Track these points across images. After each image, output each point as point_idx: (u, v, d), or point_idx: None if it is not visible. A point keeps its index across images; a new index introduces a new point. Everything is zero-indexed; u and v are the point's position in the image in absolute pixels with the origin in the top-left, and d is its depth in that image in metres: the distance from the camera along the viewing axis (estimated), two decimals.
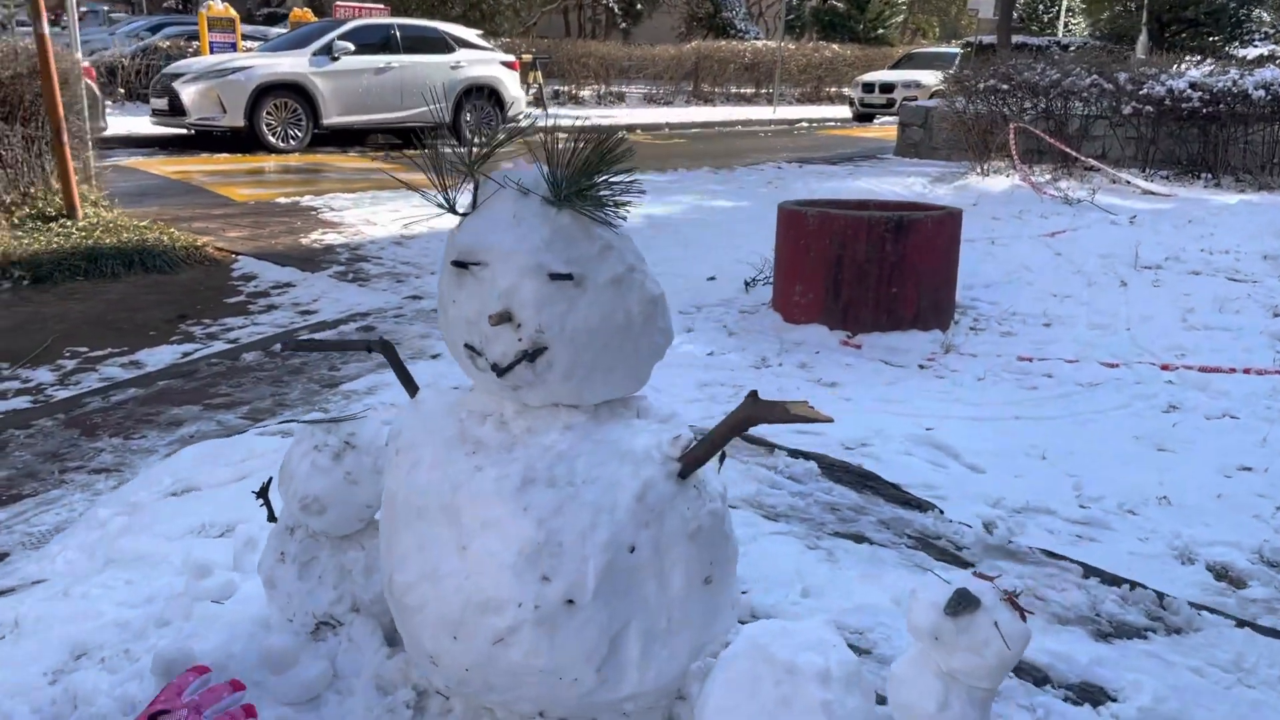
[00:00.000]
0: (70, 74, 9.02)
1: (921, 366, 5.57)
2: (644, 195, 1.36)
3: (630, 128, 20.05)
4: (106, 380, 5.88)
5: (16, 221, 8.32)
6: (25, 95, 8.53)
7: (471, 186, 1.48)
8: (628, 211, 1.47)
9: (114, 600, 2.01)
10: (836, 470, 3.13)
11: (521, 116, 16.69)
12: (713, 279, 7.99)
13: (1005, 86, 12.10)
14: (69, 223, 8.36)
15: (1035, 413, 4.87)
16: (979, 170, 12.13)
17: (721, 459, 1.60)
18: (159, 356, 6.31)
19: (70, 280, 7.56)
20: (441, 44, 16.10)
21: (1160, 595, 2.43)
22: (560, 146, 1.44)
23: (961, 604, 1.31)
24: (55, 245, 7.94)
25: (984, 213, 9.84)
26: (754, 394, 1.43)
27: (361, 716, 1.58)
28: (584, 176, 1.42)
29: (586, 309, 1.48)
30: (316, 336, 6.86)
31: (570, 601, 1.43)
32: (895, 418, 4.75)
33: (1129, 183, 10.92)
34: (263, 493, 1.83)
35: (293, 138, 14.65)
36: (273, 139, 14.45)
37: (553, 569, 1.42)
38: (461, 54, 16.17)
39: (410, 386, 1.73)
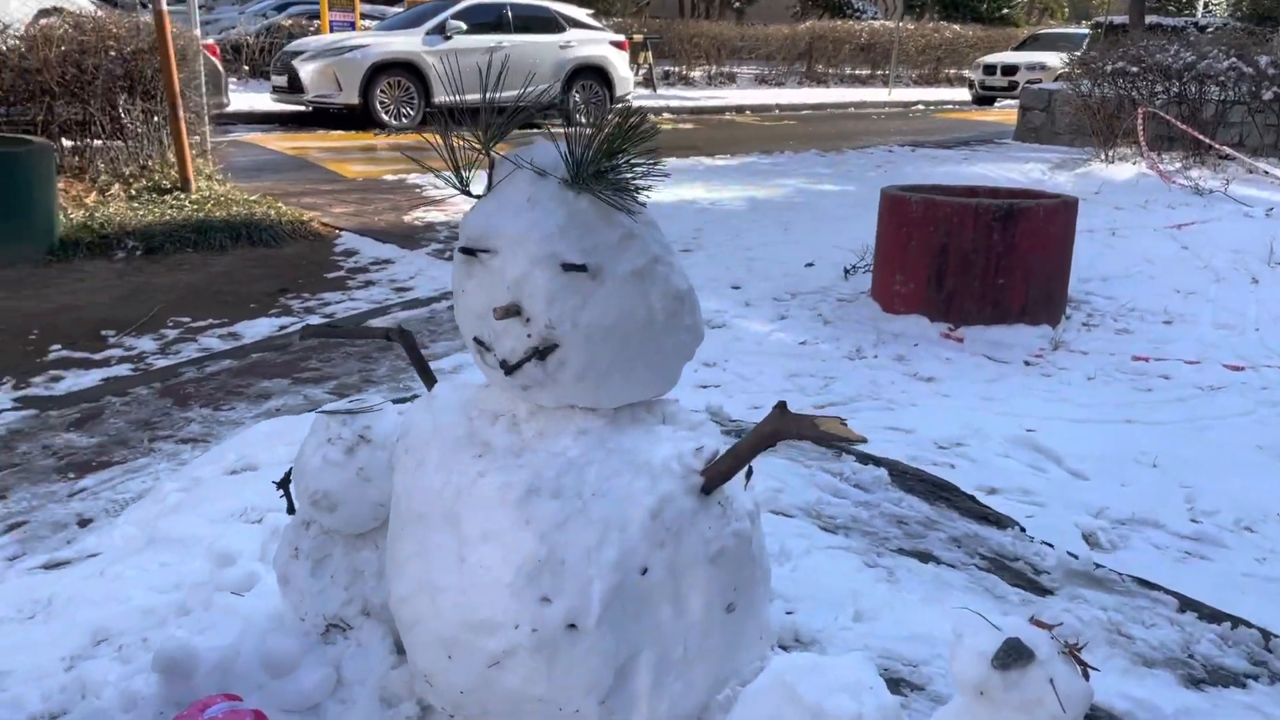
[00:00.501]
0: (188, 50, 9.27)
1: (1027, 363, 5.26)
2: (667, 178, 1.21)
3: (739, 109, 19.74)
4: (204, 351, 6.01)
5: (134, 193, 8.61)
6: (146, 70, 8.81)
7: (488, 167, 1.36)
8: (648, 197, 1.33)
9: (144, 584, 1.98)
10: (909, 478, 2.93)
11: (630, 97, 16.59)
12: (811, 265, 7.75)
13: (1135, 69, 11.41)
14: (182, 195, 8.61)
15: (1149, 417, 4.53)
16: (1103, 157, 11.49)
17: (749, 474, 1.44)
18: (256, 329, 6.43)
19: (180, 252, 7.78)
20: (552, 23, 16.09)
21: (1267, 636, 2.16)
22: (583, 125, 1.30)
23: (1012, 656, 1.14)
24: (168, 217, 8.18)
25: (1106, 201, 9.30)
26: (782, 405, 1.28)
27: None
28: (605, 157, 1.28)
29: (603, 303, 1.34)
30: (338, 323, 6.93)
31: (572, 626, 1.30)
32: (995, 417, 4.49)
33: (1267, 173, 10.18)
34: (284, 483, 1.76)
35: (405, 115, 14.86)
36: (385, 117, 14.69)
37: (554, 589, 1.30)
38: (572, 34, 16.14)
39: (428, 379, 1.63)
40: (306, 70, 14.54)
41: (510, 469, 1.34)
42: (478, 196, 1.41)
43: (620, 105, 15.80)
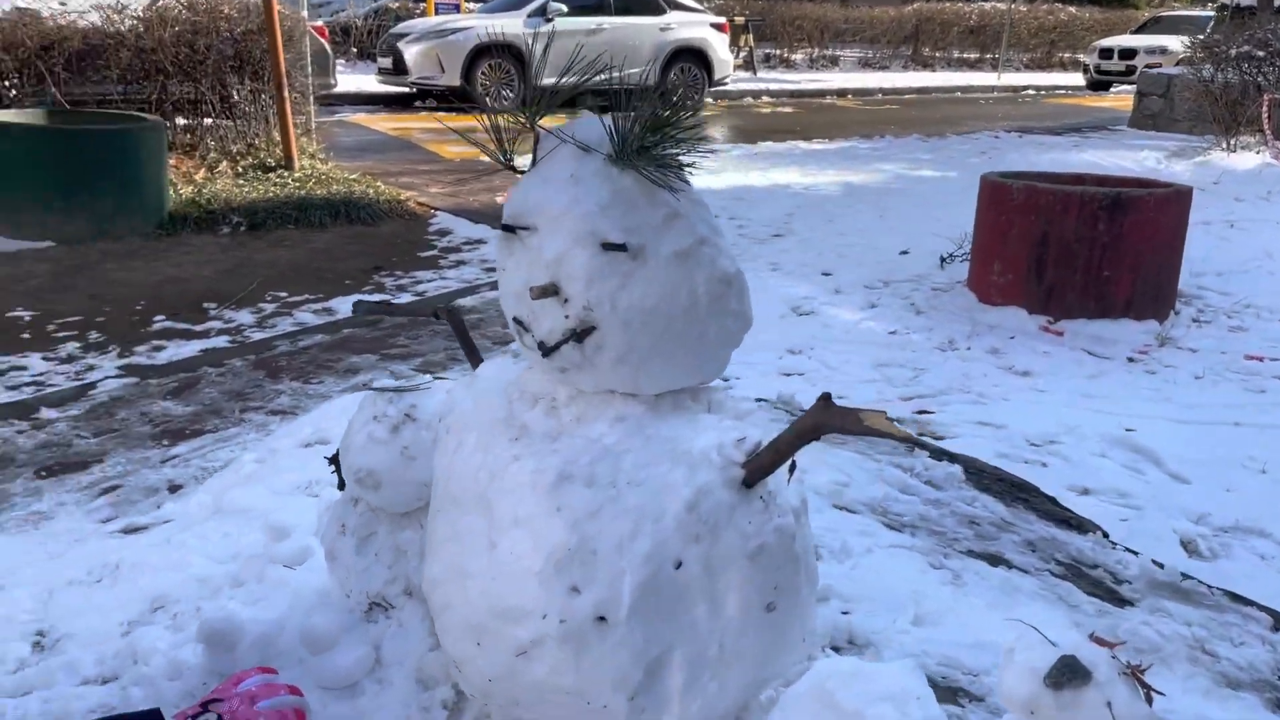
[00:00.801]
0: (295, 31, 9.50)
1: (1130, 360, 5.01)
2: (714, 154, 1.15)
3: (840, 92, 19.36)
4: (299, 325, 6.16)
5: (240, 170, 8.88)
6: (255, 51, 9.06)
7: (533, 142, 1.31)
8: (691, 173, 1.27)
9: (204, 553, 2.01)
10: (985, 477, 2.79)
11: (728, 81, 16.40)
12: (905, 253, 7.54)
13: (1261, 53, 10.77)
14: (286, 174, 8.84)
15: (1259, 419, 4.28)
16: (1224, 146, 10.89)
17: (792, 469, 1.37)
18: (350, 305, 6.57)
19: (282, 228, 8.00)
20: (653, 5, 16.01)
21: None
22: (629, 99, 1.24)
23: (1066, 675, 1.05)
24: (271, 194, 8.41)
25: (1225, 192, 8.81)
26: (826, 397, 1.21)
27: (397, 711, 1.47)
28: (650, 132, 1.22)
29: (643, 285, 1.29)
30: (390, 300, 7.03)
31: (602, 619, 1.26)
32: (1093, 414, 4.29)
33: None
34: (335, 459, 1.76)
35: (504, 98, 14.99)
36: (487, 99, 14.85)
37: (584, 580, 1.26)
38: (672, 15, 16.03)
39: (474, 358, 1.60)
40: (411, 52, 14.78)
41: (544, 454, 1.30)
42: (522, 172, 1.37)
43: (678, 83, 15.61)
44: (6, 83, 8.80)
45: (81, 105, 8.55)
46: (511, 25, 15.01)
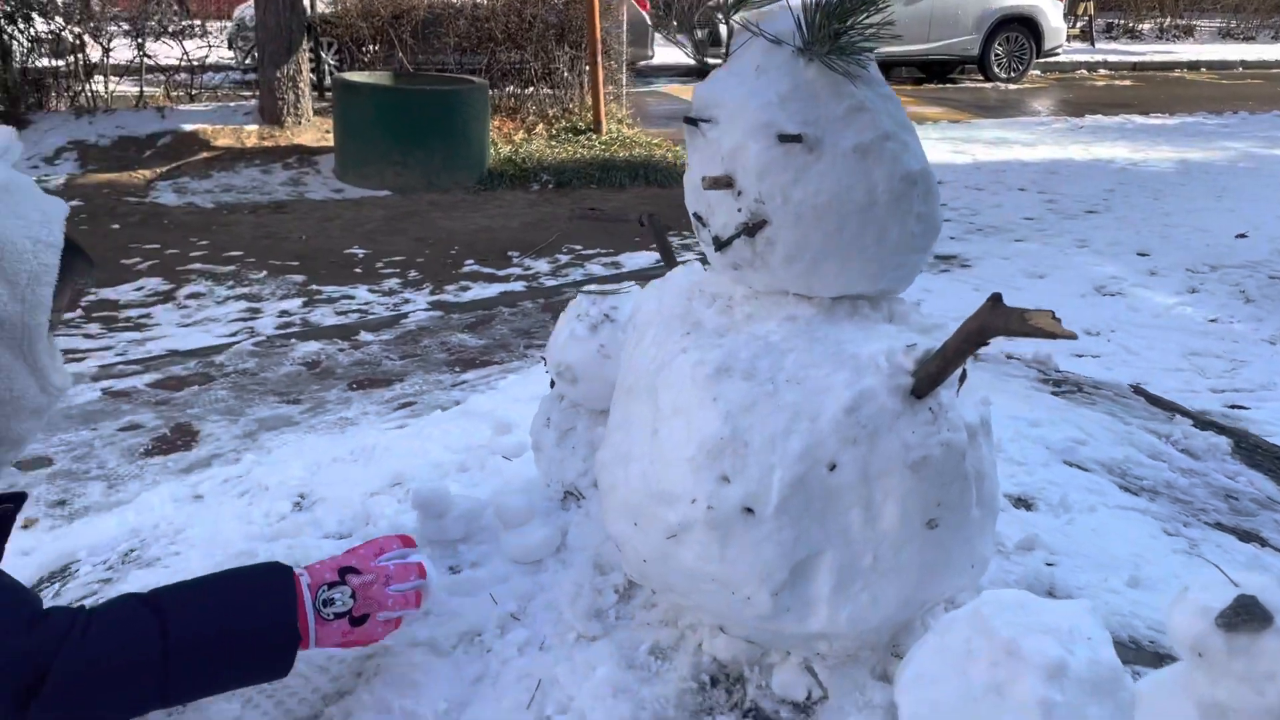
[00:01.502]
0: (614, 2, 9.92)
1: None
2: (899, 39, 1.10)
3: (1193, 65, 17.42)
4: (587, 276, 6.50)
5: (553, 133, 9.44)
6: (576, 20, 9.57)
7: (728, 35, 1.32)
8: (869, 58, 1.21)
9: (442, 443, 2.21)
10: (1259, 454, 2.43)
11: (1059, 51, 15.24)
12: (1243, 236, 6.72)
13: None
14: (594, 137, 9.30)
15: None
16: None
17: (962, 379, 1.28)
18: (636, 260, 6.83)
19: (585, 187, 8.44)
20: None
21: None
22: None
23: (1242, 615, 0.92)
24: (578, 155, 8.89)
25: None
26: (996, 298, 1.11)
27: (569, 589, 1.55)
28: (837, 19, 1.18)
29: (817, 180, 1.25)
30: (601, 209, 7.37)
31: (749, 510, 1.25)
32: None
33: None
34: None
35: None
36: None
37: (734, 470, 1.25)
38: None
39: (669, 263, 1.63)
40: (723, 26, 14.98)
41: (708, 347, 1.31)
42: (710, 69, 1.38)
43: None
44: (363, 49, 9.88)
45: (422, 71, 9.43)
46: None
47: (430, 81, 8.67)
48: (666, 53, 16.74)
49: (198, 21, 10.17)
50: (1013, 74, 14.64)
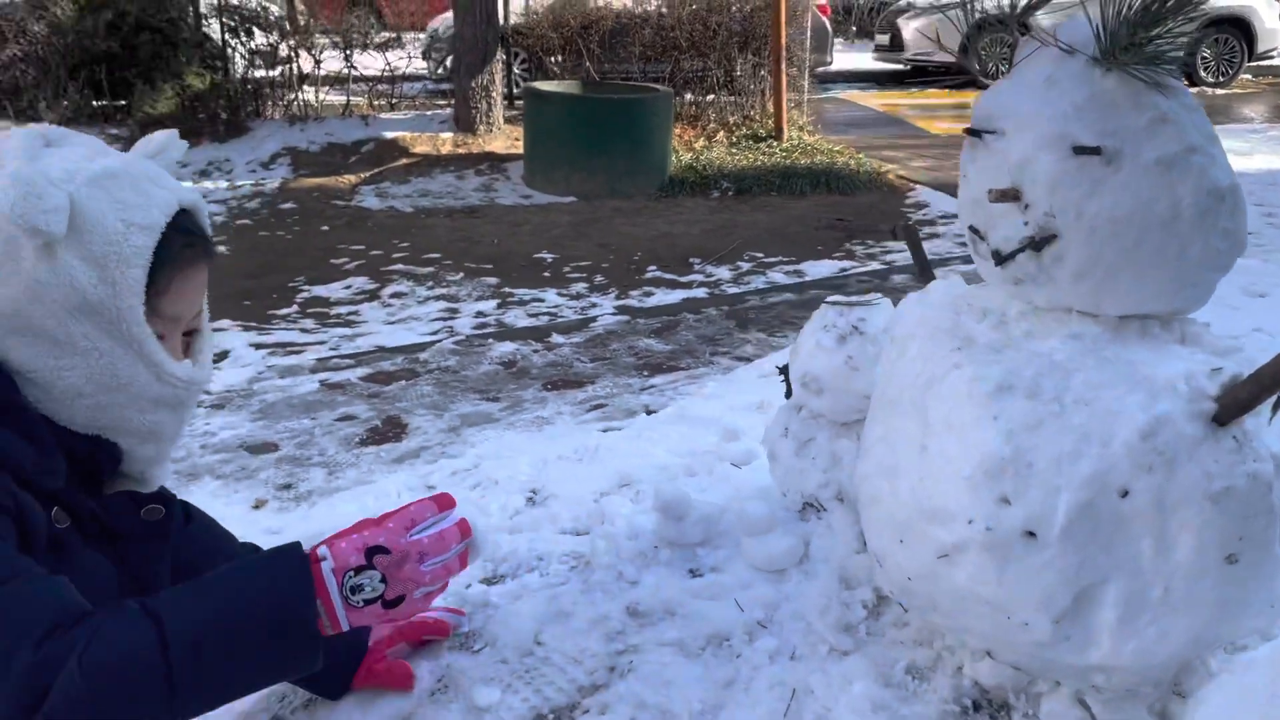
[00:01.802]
0: (799, 7, 9.86)
1: None
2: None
3: None
4: (770, 284, 6.49)
5: (734, 140, 9.46)
6: (760, 27, 9.57)
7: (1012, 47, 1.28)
8: (1174, 68, 1.15)
9: (665, 447, 2.25)
10: None
11: (1274, 54, 14.19)
12: None
13: None
14: (774, 144, 9.26)
15: None
16: None
17: (1276, 408, 1.20)
18: (819, 269, 6.77)
19: (765, 194, 8.42)
20: None
21: None
22: None
23: None
24: (759, 163, 8.88)
25: None
26: None
27: (816, 600, 1.55)
28: (1142, 27, 1.13)
29: (1115, 193, 1.20)
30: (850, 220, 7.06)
31: (1031, 534, 1.21)
32: None
33: None
34: (785, 369, 1.87)
35: (1004, 70, 14.35)
36: (983, 77, 14.30)
37: (1016, 491, 1.22)
38: None
39: (926, 275, 1.60)
40: (910, 28, 14.66)
41: (986, 363, 1.28)
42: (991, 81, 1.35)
43: None
44: (552, 58, 10.16)
45: (608, 80, 9.63)
46: None
47: (616, 90, 8.84)
48: (846, 58, 16.51)
49: (393, 34, 10.69)
50: (1221, 78, 13.75)
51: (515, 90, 10.22)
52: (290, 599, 0.97)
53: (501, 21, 9.51)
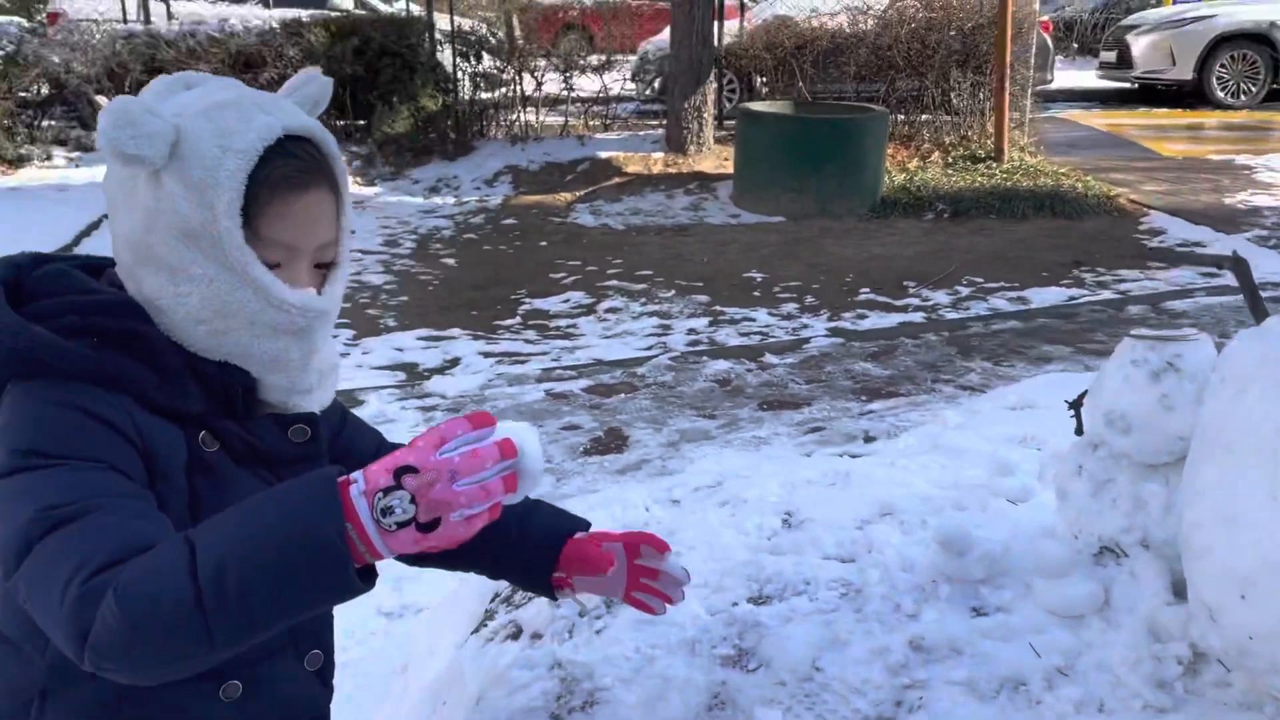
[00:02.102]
0: (1024, 24, 9.50)
1: None
2: None
3: None
4: (992, 310, 6.24)
5: (949, 161, 9.18)
6: (981, 45, 9.27)
7: None
8: None
9: (925, 478, 2.19)
10: None
11: None
12: None
13: None
14: (993, 165, 8.93)
15: None
16: None
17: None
18: (1045, 296, 6.46)
19: (983, 217, 8.12)
20: None
21: None
22: None
23: None
24: (977, 184, 8.58)
25: None
26: None
27: (1123, 651, 1.46)
28: None
29: None
30: (1173, 248, 6.73)
31: None
32: None
33: None
34: (1075, 405, 1.78)
35: (1245, 93, 13.31)
36: (1221, 94, 13.33)
37: None
38: None
39: (1259, 312, 1.48)
40: (1139, 44, 13.84)
41: None
42: None
43: None
44: (763, 79, 10.18)
45: (820, 100, 9.56)
46: (1264, 12, 13.22)
47: (830, 110, 8.76)
48: (1066, 76, 15.78)
49: (603, 57, 10.99)
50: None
51: (724, 111, 10.30)
52: (315, 520, 0.90)
53: (717, 44, 9.62)
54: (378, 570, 0.97)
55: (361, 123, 9.71)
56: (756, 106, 8.82)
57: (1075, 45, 19.01)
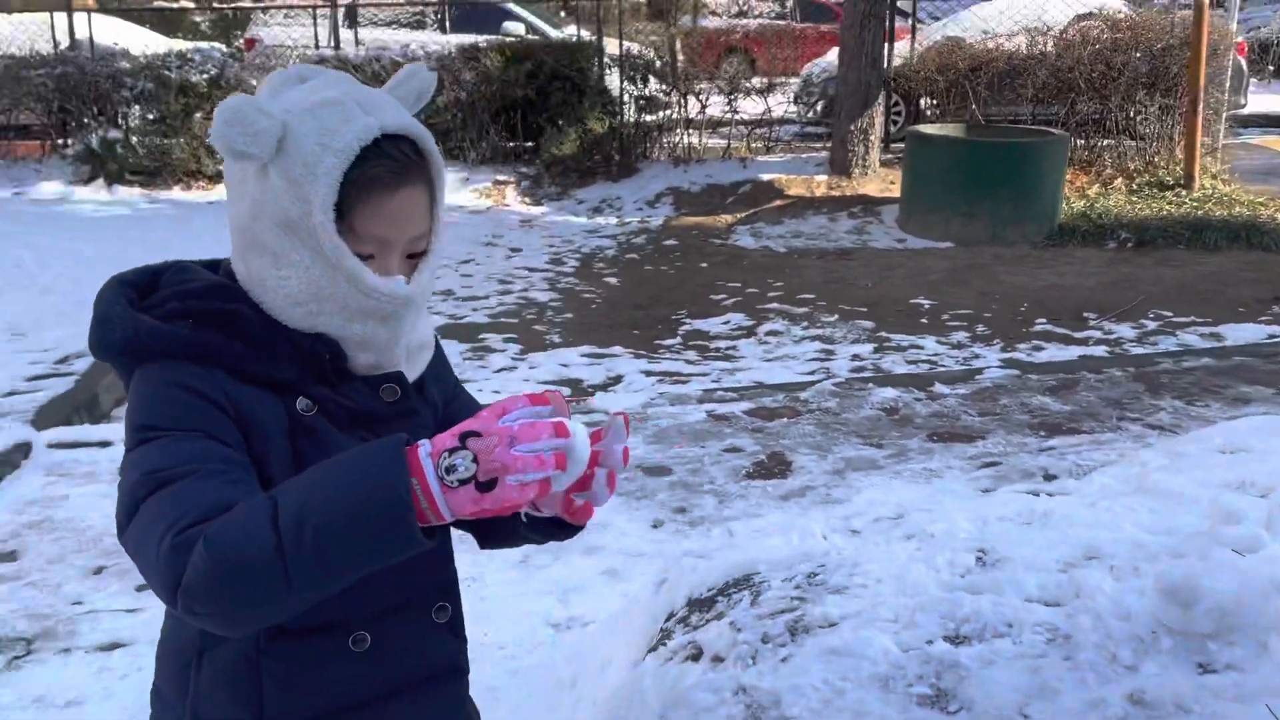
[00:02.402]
0: (1220, 46, 8.96)
1: None
2: None
3: None
4: (1182, 346, 5.87)
5: (1134, 188, 8.72)
6: (1171, 67, 8.78)
7: None
8: None
9: (1133, 521, 2.05)
10: None
11: None
12: None
13: None
14: (1182, 193, 8.43)
15: None
16: None
17: None
18: (1241, 333, 6.04)
19: (1170, 247, 7.67)
20: None
21: None
22: None
23: None
24: (1164, 213, 8.11)
25: None
26: None
27: None
28: None
29: None
30: None
31: None
32: None
33: None
34: None
35: None
36: None
37: None
38: None
39: None
40: None
41: None
42: None
43: None
44: (932, 101, 9.94)
45: (994, 123, 9.25)
46: None
47: (1005, 133, 8.47)
48: (1261, 100, 14.81)
49: (766, 80, 10.95)
50: None
51: (890, 134, 10.10)
52: (384, 474, 0.99)
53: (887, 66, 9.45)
54: (439, 531, 1.04)
55: (530, 145, 9.98)
56: (927, 129, 8.61)
57: (1271, 68, 17.81)
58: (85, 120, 10.06)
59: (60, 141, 10.44)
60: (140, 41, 11.85)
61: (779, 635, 1.95)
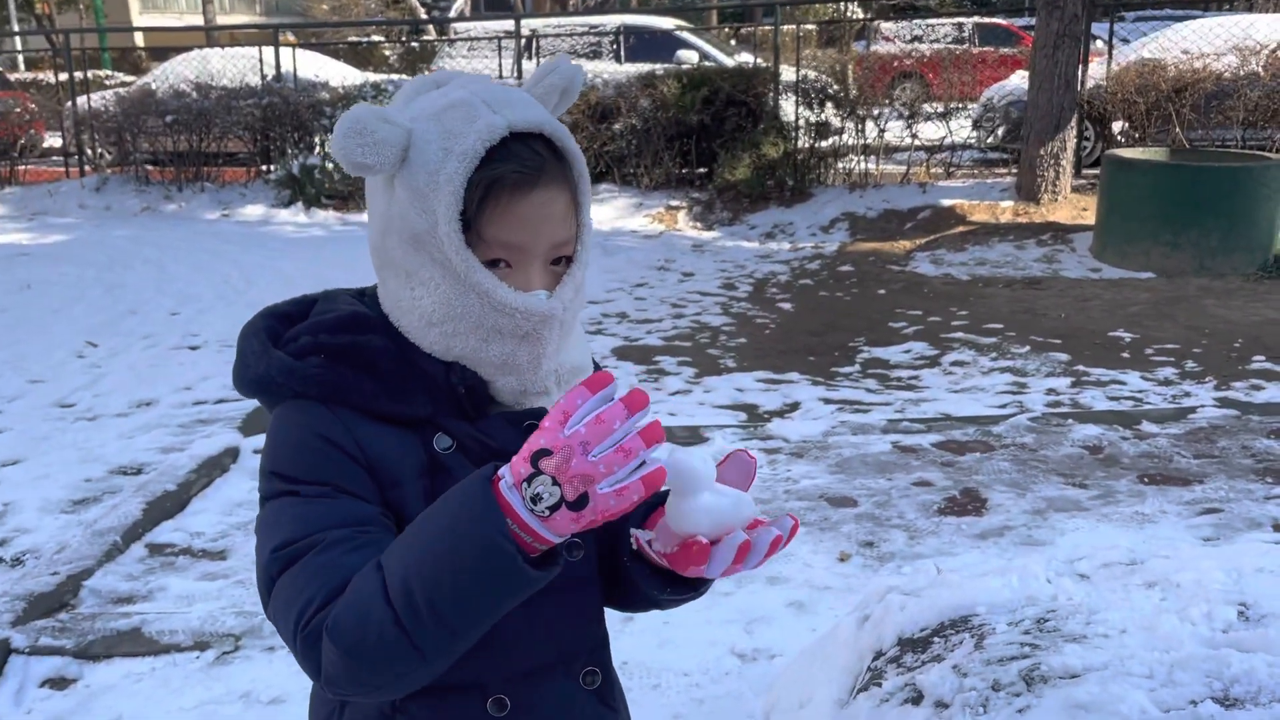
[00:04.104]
0: None
1: None
2: None
3: None
4: None
5: None
6: None
7: None
8: None
9: None
10: None
11: None
12: None
13: None
14: None
15: None
16: None
17: None
18: None
19: None
20: None
21: None
22: None
23: None
24: None
25: None
26: None
27: None
28: None
29: None
30: None
31: None
32: None
33: None
34: None
35: None
36: None
37: None
38: None
39: None
40: None
41: None
42: None
43: None
44: (1129, 124, 9.38)
45: (1199, 147, 8.65)
46: None
47: (1214, 158, 7.89)
48: None
49: (942, 104, 10.59)
50: None
51: (1080, 158, 9.59)
52: (477, 524, 0.91)
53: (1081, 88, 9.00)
54: (560, 554, 0.96)
55: (702, 170, 9.98)
56: (1127, 153, 8.11)
57: None
58: (287, 148, 10.70)
59: (264, 168, 11.13)
60: (338, 74, 12.56)
61: (1011, 684, 1.79)
